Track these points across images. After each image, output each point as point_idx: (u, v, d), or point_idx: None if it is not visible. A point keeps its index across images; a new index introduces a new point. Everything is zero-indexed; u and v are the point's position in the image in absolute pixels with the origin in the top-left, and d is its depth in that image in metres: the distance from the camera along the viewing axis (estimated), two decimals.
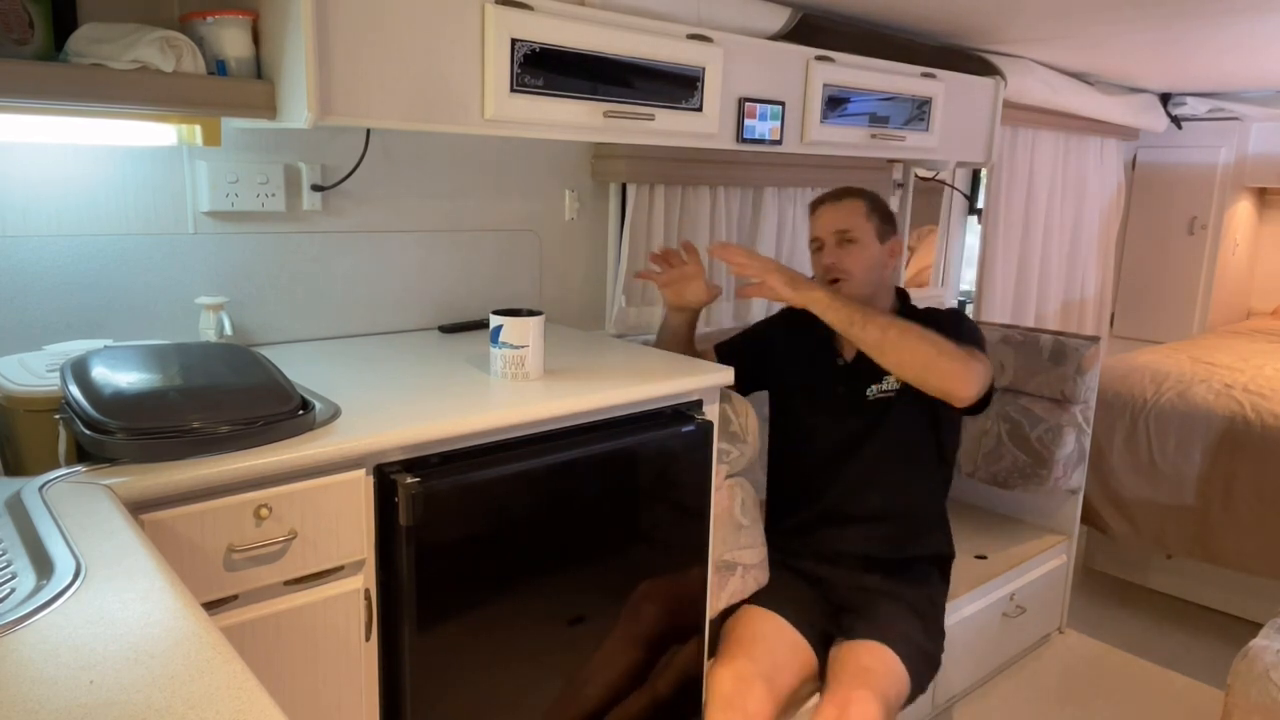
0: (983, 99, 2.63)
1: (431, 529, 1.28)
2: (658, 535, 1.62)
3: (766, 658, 1.74)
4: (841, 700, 1.65)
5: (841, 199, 1.93)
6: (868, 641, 1.77)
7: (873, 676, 1.69)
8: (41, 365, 1.27)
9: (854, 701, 1.63)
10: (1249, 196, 4.26)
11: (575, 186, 2.22)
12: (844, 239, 1.88)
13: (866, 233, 1.89)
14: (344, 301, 1.87)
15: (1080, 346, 2.44)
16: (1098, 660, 2.66)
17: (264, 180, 1.70)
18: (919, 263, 3.45)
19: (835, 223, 1.89)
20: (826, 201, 1.94)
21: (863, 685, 1.66)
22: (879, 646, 1.76)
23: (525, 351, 1.51)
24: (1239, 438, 2.73)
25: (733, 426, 1.77)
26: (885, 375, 1.90)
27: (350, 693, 1.28)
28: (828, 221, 1.91)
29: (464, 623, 1.36)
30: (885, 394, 1.91)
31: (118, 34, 1.27)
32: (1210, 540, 2.79)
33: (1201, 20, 2.26)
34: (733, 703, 1.65)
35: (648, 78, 1.77)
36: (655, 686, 1.68)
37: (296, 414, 1.21)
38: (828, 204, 1.93)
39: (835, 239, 1.89)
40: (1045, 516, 2.71)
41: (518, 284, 2.15)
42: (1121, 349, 3.99)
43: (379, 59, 1.42)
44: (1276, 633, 1.75)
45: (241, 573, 1.14)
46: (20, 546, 0.89)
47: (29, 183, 1.48)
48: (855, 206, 1.90)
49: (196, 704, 0.64)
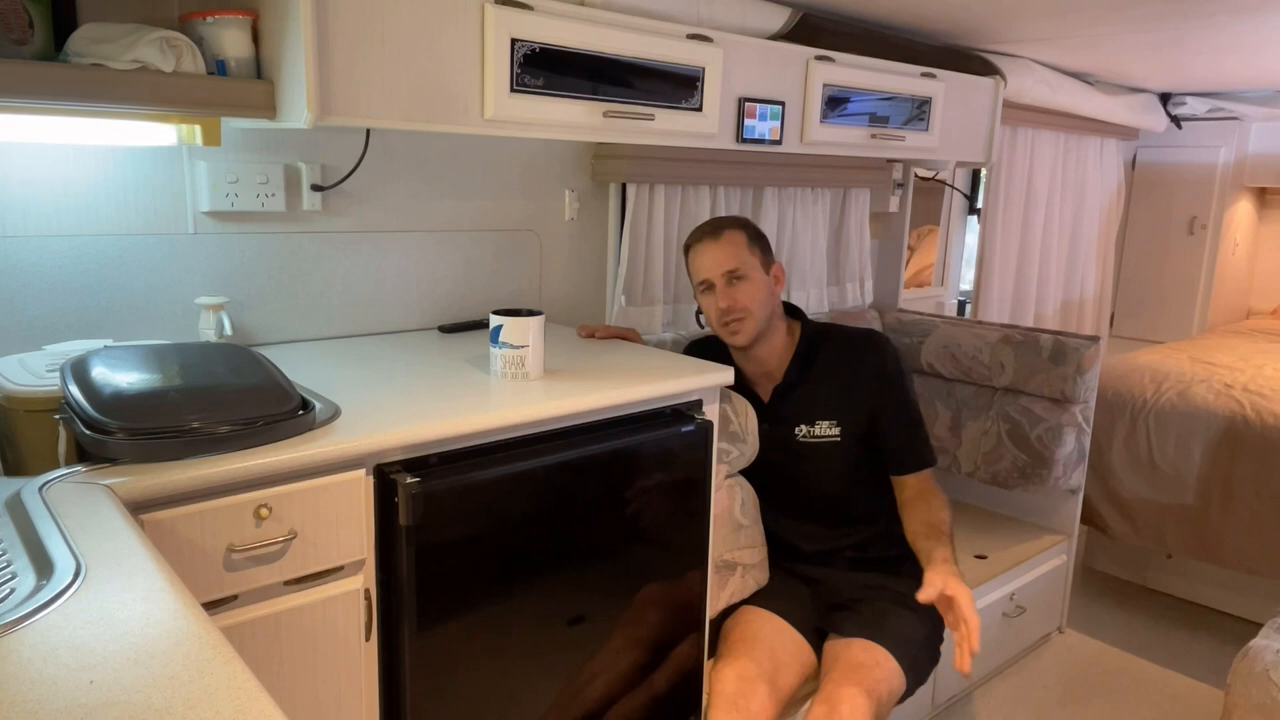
0: (983, 99, 2.63)
1: (431, 529, 1.28)
2: (657, 535, 1.62)
3: (768, 659, 1.75)
4: (831, 698, 1.65)
5: (720, 234, 1.84)
6: (858, 639, 1.78)
7: (862, 673, 1.70)
8: (41, 365, 1.27)
9: (843, 699, 1.64)
10: (1249, 196, 4.26)
11: (575, 186, 2.22)
12: (733, 278, 1.82)
13: (753, 266, 1.84)
14: (344, 301, 1.87)
15: (1080, 346, 2.44)
16: (1098, 660, 2.66)
17: (264, 180, 1.70)
18: (919, 263, 3.45)
19: (722, 263, 1.82)
20: (703, 239, 1.85)
21: (851, 682, 1.67)
22: (868, 644, 1.76)
23: (525, 351, 1.51)
24: (1239, 437, 2.73)
25: (733, 426, 1.77)
26: (819, 419, 1.89)
27: (350, 693, 1.28)
28: (713, 262, 1.83)
29: (464, 623, 1.36)
30: (823, 440, 1.90)
31: (117, 34, 1.27)
32: (1210, 540, 2.79)
33: (1201, 20, 2.26)
34: (736, 703, 1.66)
35: (648, 78, 1.77)
36: (655, 686, 1.68)
37: (296, 414, 1.21)
38: (707, 242, 1.84)
39: (725, 279, 1.83)
40: (1045, 516, 2.71)
41: (518, 284, 2.15)
42: (1121, 349, 3.99)
43: (379, 59, 1.42)
44: (1276, 632, 1.75)
45: (241, 573, 1.14)
46: (20, 546, 0.89)
47: (29, 183, 1.48)
48: (736, 239, 1.84)
49: (196, 704, 0.64)
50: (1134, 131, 3.87)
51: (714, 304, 1.85)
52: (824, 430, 1.90)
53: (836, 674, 1.71)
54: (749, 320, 1.83)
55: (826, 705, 1.64)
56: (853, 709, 1.62)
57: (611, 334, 1.93)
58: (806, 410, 1.90)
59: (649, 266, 2.32)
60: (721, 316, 1.84)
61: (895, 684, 1.74)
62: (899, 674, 1.75)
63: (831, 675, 1.72)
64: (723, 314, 1.84)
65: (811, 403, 1.90)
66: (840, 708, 1.62)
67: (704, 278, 1.85)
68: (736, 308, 1.82)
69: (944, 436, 2.67)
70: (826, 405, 1.89)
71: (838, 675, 1.70)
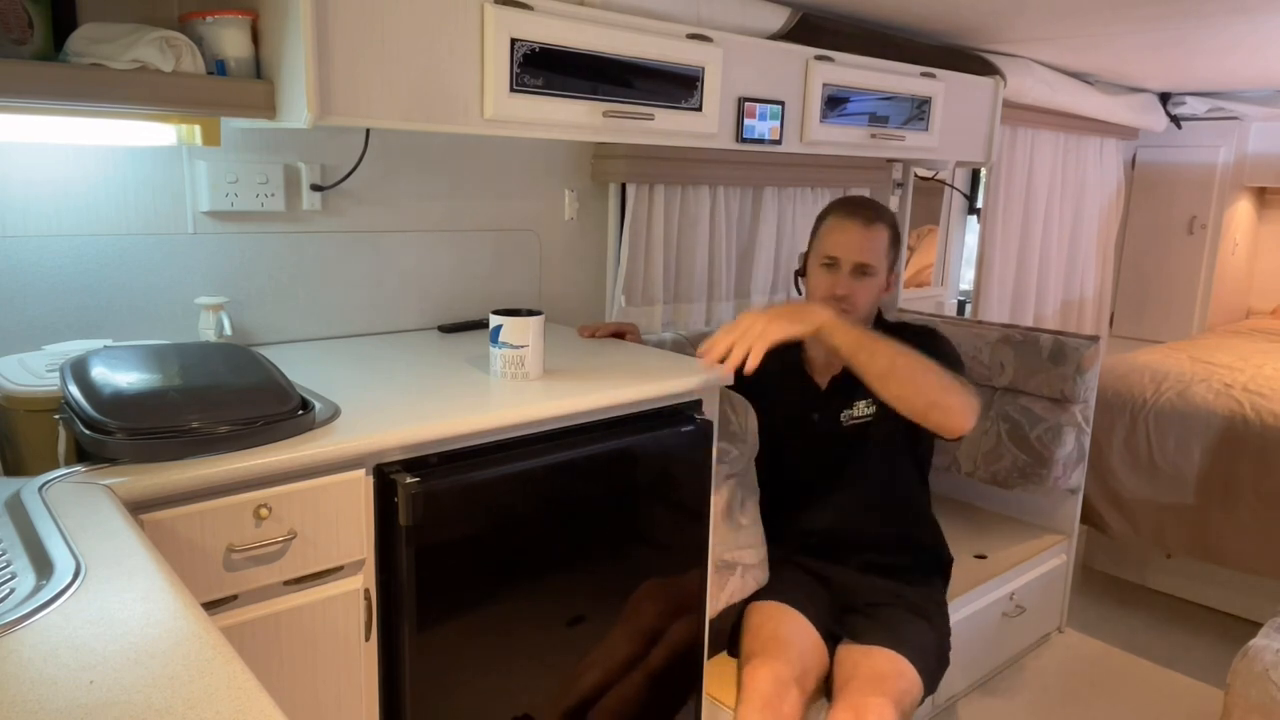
0: (982, 99, 2.63)
1: (431, 529, 1.28)
2: (657, 535, 1.62)
3: (799, 661, 1.73)
4: (857, 706, 1.63)
5: (872, 223, 1.83)
6: (879, 648, 1.76)
7: (887, 683, 1.68)
8: (41, 365, 1.27)
9: (870, 709, 1.62)
10: (1248, 196, 4.26)
11: (575, 186, 2.22)
12: (862, 271, 1.82)
13: (883, 267, 1.84)
14: (344, 301, 1.87)
15: (1080, 346, 2.44)
16: (1097, 660, 2.66)
17: (263, 180, 1.70)
18: (919, 262, 3.45)
19: (860, 252, 1.81)
20: (856, 220, 1.83)
21: (877, 692, 1.65)
22: (891, 653, 1.74)
23: (525, 351, 1.51)
24: (1239, 437, 2.73)
25: (733, 426, 1.77)
26: (857, 400, 1.88)
27: (350, 692, 1.28)
28: (853, 246, 1.81)
29: (464, 622, 1.36)
30: (860, 419, 1.89)
31: (117, 34, 1.26)
32: (1210, 540, 2.79)
33: (1201, 20, 2.26)
34: (770, 704, 1.63)
35: (647, 77, 1.77)
36: (654, 686, 1.67)
37: (296, 414, 1.21)
38: (857, 224, 1.82)
39: (853, 269, 1.81)
40: (1045, 516, 2.71)
41: (518, 284, 2.15)
42: (1121, 349, 3.98)
43: (378, 59, 1.42)
44: (1276, 632, 1.75)
45: (241, 573, 1.14)
46: (20, 546, 0.89)
47: (29, 183, 1.48)
48: (882, 237, 1.83)
49: (196, 704, 0.64)
50: (1134, 131, 3.87)
51: (831, 283, 1.83)
52: (861, 410, 1.89)
53: (859, 683, 1.68)
54: (852, 314, 1.81)
55: (852, 713, 1.62)
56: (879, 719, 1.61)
57: (609, 330, 1.93)
58: (851, 394, 1.88)
59: (649, 266, 2.32)
60: (828, 295, 1.82)
61: (916, 694, 1.73)
62: (919, 683, 1.74)
63: (854, 684, 1.69)
64: (837, 298, 1.82)
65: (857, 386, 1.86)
66: (867, 717, 1.61)
67: (835, 254, 1.83)
68: (850, 300, 1.82)
69: None
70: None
71: (860, 684, 1.68)
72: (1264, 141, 4.05)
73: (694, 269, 2.44)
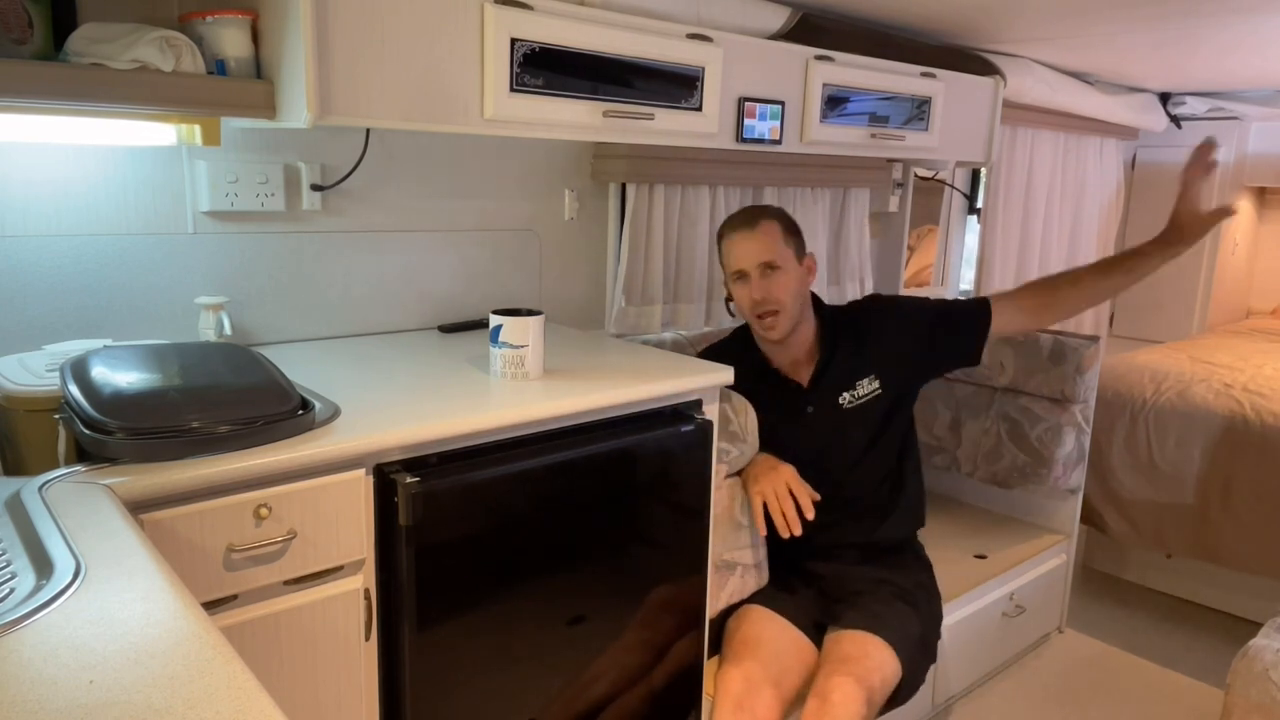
0: (982, 99, 2.63)
1: (431, 529, 1.28)
2: (657, 535, 1.62)
3: (774, 661, 1.74)
4: (822, 689, 1.66)
5: (756, 224, 1.86)
6: (852, 630, 1.79)
7: (852, 663, 1.70)
8: (41, 365, 1.27)
9: (834, 689, 1.64)
10: (1248, 196, 4.26)
11: (575, 186, 2.22)
12: (768, 269, 1.84)
13: (788, 258, 1.86)
14: (344, 301, 1.87)
15: (1080, 346, 2.44)
16: (1097, 660, 2.66)
17: (263, 180, 1.70)
18: (919, 262, 3.45)
19: (757, 254, 1.84)
20: (740, 229, 1.87)
21: (841, 672, 1.68)
22: (860, 634, 1.77)
23: (525, 351, 1.51)
24: (1238, 437, 2.73)
25: (732, 426, 1.77)
26: (859, 379, 1.92)
27: (350, 692, 1.28)
28: (748, 252, 1.84)
29: (464, 622, 1.36)
30: (862, 399, 1.93)
31: (117, 34, 1.26)
32: (1210, 540, 2.79)
33: (1201, 20, 2.26)
34: (742, 705, 1.65)
35: (647, 77, 1.77)
36: (654, 686, 1.68)
37: (296, 414, 1.21)
38: (741, 231, 1.86)
39: (759, 271, 1.84)
40: (1045, 516, 2.71)
41: (518, 284, 2.15)
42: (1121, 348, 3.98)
43: (379, 59, 1.42)
44: (1276, 632, 1.75)
45: (241, 572, 1.14)
46: (20, 546, 0.89)
47: (29, 183, 1.48)
48: (772, 230, 1.85)
49: (196, 704, 0.64)
50: (1134, 131, 3.87)
51: (748, 294, 1.86)
52: (865, 388, 1.92)
53: (828, 666, 1.72)
54: (783, 315, 1.86)
55: (818, 698, 1.65)
56: (843, 697, 1.62)
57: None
58: (846, 378, 1.93)
59: (649, 266, 2.32)
60: (755, 308, 1.86)
61: (889, 673, 1.74)
62: (893, 663, 1.75)
63: (824, 667, 1.73)
64: (756, 305, 1.86)
65: (849, 371, 1.93)
66: (831, 697, 1.63)
67: (739, 268, 1.87)
68: (770, 299, 1.84)
69: (944, 436, 2.67)
70: (863, 366, 1.93)
71: (829, 667, 1.72)
72: (1264, 141, 4.05)
73: (694, 269, 2.44)
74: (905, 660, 1.77)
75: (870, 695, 1.66)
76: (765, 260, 1.84)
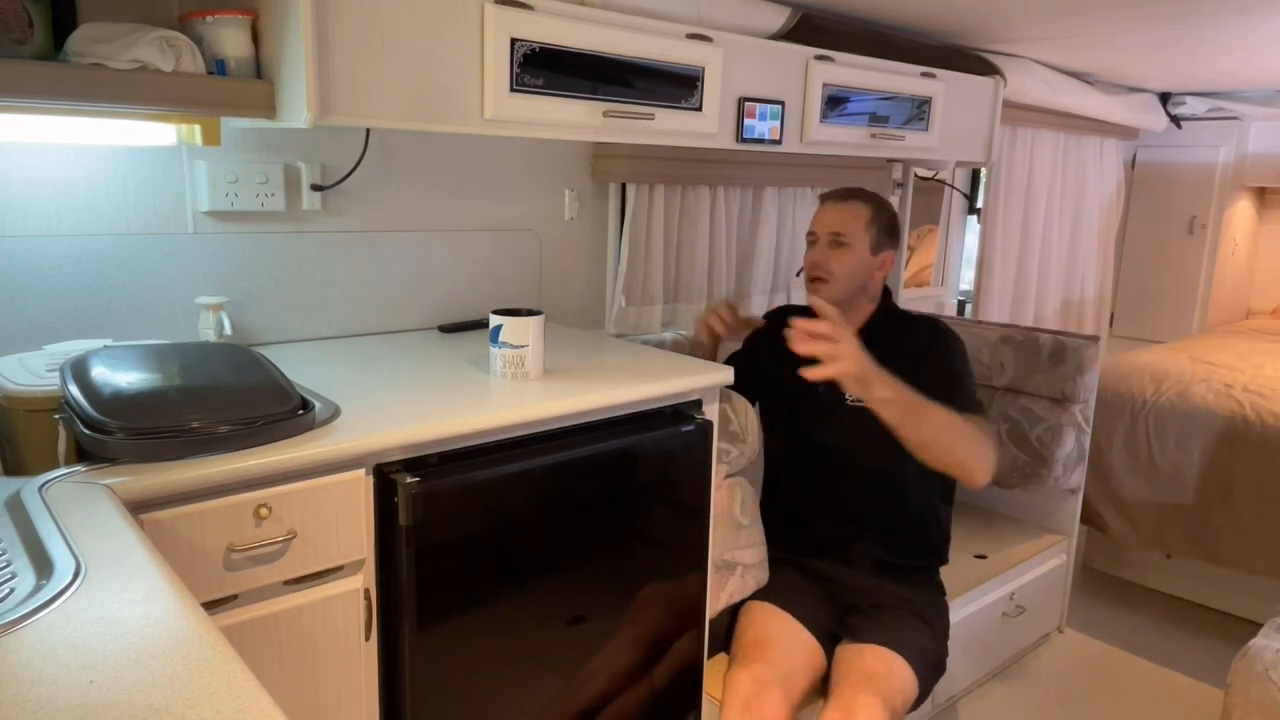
0: (982, 99, 2.63)
1: (431, 529, 1.28)
2: (657, 535, 1.62)
3: (783, 662, 1.73)
4: (846, 705, 1.64)
5: (847, 200, 1.92)
6: (875, 646, 1.76)
7: (879, 681, 1.68)
8: (41, 365, 1.27)
9: (859, 707, 1.62)
10: (1248, 196, 4.26)
11: (575, 186, 2.22)
12: (836, 241, 1.87)
13: (861, 240, 1.87)
14: (344, 301, 1.87)
15: (1080, 346, 2.44)
16: (1097, 660, 2.66)
17: (264, 180, 1.70)
18: (919, 262, 3.45)
19: (833, 223, 1.89)
20: (832, 199, 1.94)
21: (868, 691, 1.65)
22: (887, 652, 1.74)
23: (525, 351, 1.51)
24: (1238, 437, 2.73)
25: (732, 426, 1.77)
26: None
27: (350, 692, 1.28)
28: (827, 220, 1.91)
29: (463, 622, 1.36)
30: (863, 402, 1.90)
31: (117, 33, 1.26)
32: (1210, 540, 2.79)
33: (1201, 20, 2.26)
34: (750, 706, 1.64)
35: (647, 77, 1.77)
36: (654, 686, 1.68)
37: (296, 414, 1.21)
38: (832, 202, 1.93)
39: (828, 239, 1.89)
40: (1045, 516, 2.71)
41: (518, 284, 2.15)
42: (1121, 349, 3.99)
43: (379, 59, 1.42)
44: (1276, 632, 1.75)
45: (241, 572, 1.14)
46: (20, 546, 0.89)
47: (29, 183, 1.48)
48: (857, 211, 1.89)
49: (196, 704, 0.64)
50: (1134, 131, 3.87)
51: (810, 256, 1.92)
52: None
53: (852, 681, 1.69)
54: (831, 284, 1.87)
55: (842, 712, 1.63)
56: (869, 717, 1.61)
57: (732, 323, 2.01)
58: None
59: (649, 266, 2.32)
60: (810, 270, 1.91)
61: (910, 693, 1.73)
62: (913, 683, 1.74)
63: (847, 682, 1.70)
64: (811, 268, 1.91)
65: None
66: (857, 716, 1.61)
67: (812, 229, 1.93)
68: (822, 267, 1.88)
69: None
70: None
71: (853, 682, 1.68)
72: (1264, 141, 4.05)
73: (694, 269, 2.44)
74: (921, 679, 1.77)
75: (894, 716, 1.65)
76: (835, 231, 1.88)
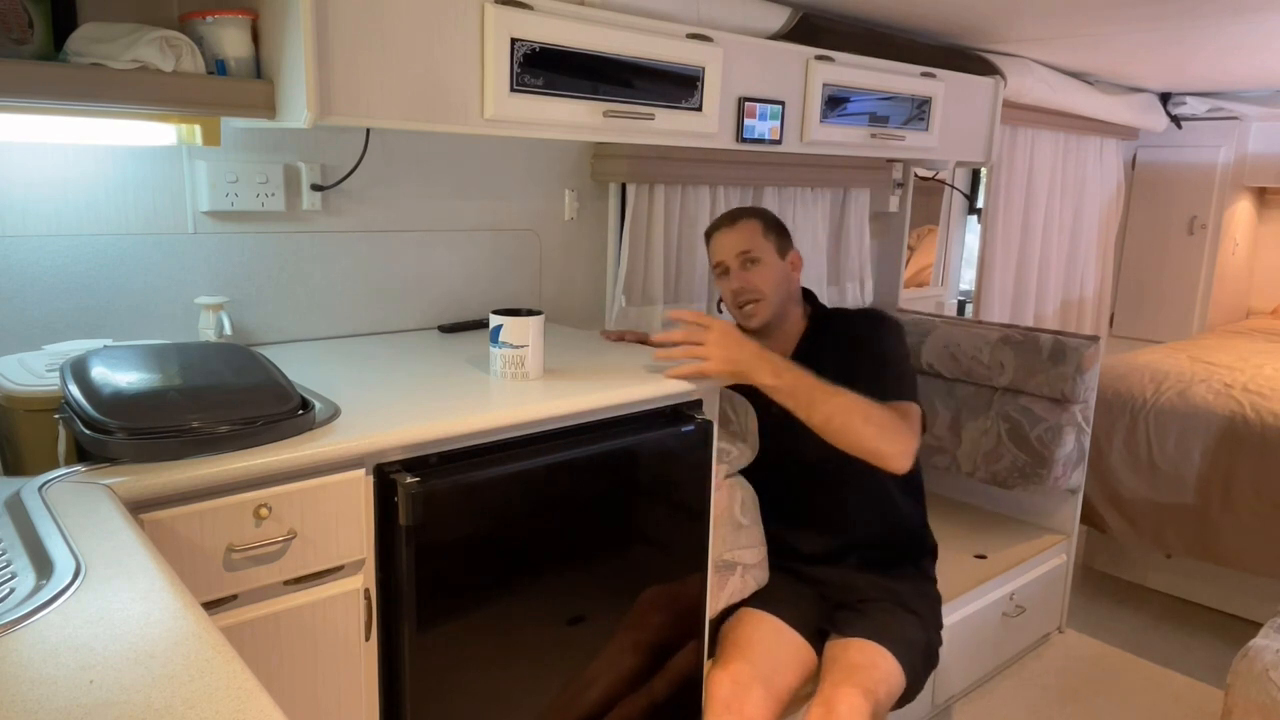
0: (982, 99, 2.63)
1: (431, 529, 1.28)
2: (657, 535, 1.62)
3: (766, 660, 1.74)
4: (829, 699, 1.65)
5: (735, 222, 1.90)
6: (858, 640, 1.78)
7: (860, 673, 1.69)
8: (41, 365, 1.27)
9: (840, 699, 1.63)
10: (1249, 196, 4.26)
11: (575, 186, 2.22)
12: (747, 260, 1.86)
13: (768, 251, 1.87)
14: (344, 301, 1.87)
15: (1080, 346, 2.44)
16: (1097, 660, 2.66)
17: (264, 180, 1.70)
18: (919, 262, 3.45)
19: (735, 245, 1.86)
20: (721, 227, 1.91)
21: (849, 682, 1.66)
22: (869, 644, 1.76)
23: (525, 351, 1.51)
24: (1238, 437, 2.73)
25: (733, 426, 1.77)
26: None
27: (350, 692, 1.28)
28: (728, 245, 1.87)
29: (464, 622, 1.36)
30: None
31: (117, 34, 1.27)
32: (1210, 540, 2.79)
33: (1201, 20, 2.26)
34: (730, 706, 1.65)
35: (647, 77, 1.77)
36: (654, 686, 1.68)
37: (296, 414, 1.21)
38: (723, 229, 1.90)
39: (739, 262, 1.86)
40: (1045, 516, 2.71)
41: (518, 284, 2.15)
42: (1121, 349, 3.99)
43: (379, 59, 1.42)
44: (1276, 632, 1.75)
45: (241, 572, 1.14)
46: (20, 546, 0.89)
47: (29, 183, 1.48)
48: (751, 226, 1.88)
49: (196, 704, 0.64)
50: (1134, 131, 3.87)
51: (728, 286, 1.90)
52: None
53: (834, 675, 1.71)
54: (763, 303, 1.87)
55: (824, 707, 1.64)
56: (850, 709, 1.61)
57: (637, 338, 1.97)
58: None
59: (649, 266, 2.32)
60: (736, 298, 1.89)
61: (894, 684, 1.73)
62: (898, 674, 1.74)
63: (830, 676, 1.71)
64: (736, 295, 1.88)
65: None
66: (838, 708, 1.62)
67: (719, 260, 1.91)
68: (749, 289, 1.86)
69: (944, 436, 2.67)
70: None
71: (835, 676, 1.70)
72: (1264, 141, 4.05)
73: (694, 269, 2.44)
74: (909, 669, 1.77)
75: (877, 708, 1.66)
76: (742, 250, 1.86)
